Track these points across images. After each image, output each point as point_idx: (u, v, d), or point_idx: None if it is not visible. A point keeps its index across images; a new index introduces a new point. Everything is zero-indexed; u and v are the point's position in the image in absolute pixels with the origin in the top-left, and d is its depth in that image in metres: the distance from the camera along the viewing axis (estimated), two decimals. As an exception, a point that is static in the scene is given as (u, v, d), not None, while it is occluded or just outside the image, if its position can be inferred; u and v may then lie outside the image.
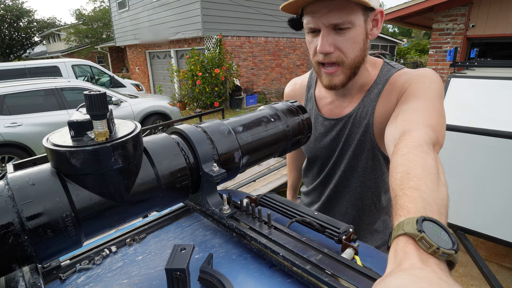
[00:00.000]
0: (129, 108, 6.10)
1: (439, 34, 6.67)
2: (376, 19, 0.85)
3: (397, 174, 0.52)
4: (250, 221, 0.59)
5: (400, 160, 0.55)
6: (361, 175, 1.00)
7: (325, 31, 0.79)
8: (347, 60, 0.83)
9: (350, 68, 0.84)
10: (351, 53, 0.82)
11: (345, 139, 0.97)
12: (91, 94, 0.44)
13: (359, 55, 0.83)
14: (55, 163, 0.46)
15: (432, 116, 0.71)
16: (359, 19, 0.79)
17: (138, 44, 13.45)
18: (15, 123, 4.85)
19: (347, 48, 0.81)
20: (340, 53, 0.81)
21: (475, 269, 2.10)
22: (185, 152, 0.60)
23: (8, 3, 26.79)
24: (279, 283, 0.51)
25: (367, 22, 0.82)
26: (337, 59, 0.82)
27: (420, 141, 0.60)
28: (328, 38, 0.79)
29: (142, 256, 0.60)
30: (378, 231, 1.09)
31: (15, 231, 0.40)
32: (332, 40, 0.80)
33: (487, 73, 3.01)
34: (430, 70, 0.86)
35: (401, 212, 0.43)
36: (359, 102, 0.93)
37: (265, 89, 11.85)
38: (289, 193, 1.42)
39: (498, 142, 1.96)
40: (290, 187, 1.41)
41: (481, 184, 2.10)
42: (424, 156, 0.55)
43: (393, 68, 0.92)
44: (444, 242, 0.36)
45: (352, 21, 0.77)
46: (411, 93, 0.80)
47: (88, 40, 24.26)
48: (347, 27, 0.78)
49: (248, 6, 10.32)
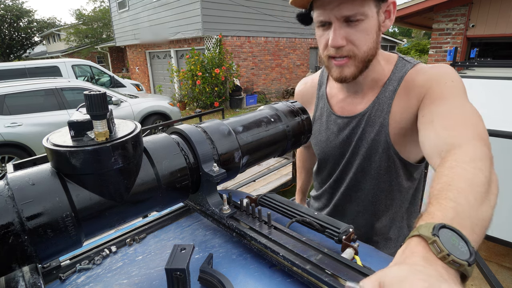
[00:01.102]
0: (129, 108, 6.09)
1: (439, 34, 6.66)
2: (389, 10, 0.81)
3: (437, 185, 0.48)
4: (250, 221, 0.59)
5: (446, 172, 0.51)
6: (375, 178, 0.95)
7: (336, 24, 0.76)
8: (359, 53, 0.79)
9: (362, 61, 0.81)
10: (364, 45, 0.79)
11: (358, 138, 0.93)
12: (91, 94, 0.44)
13: (372, 47, 0.80)
14: (55, 163, 0.46)
15: (477, 124, 0.65)
16: (371, 10, 0.76)
17: (138, 44, 13.45)
18: (15, 123, 4.85)
19: (360, 40, 0.78)
20: (353, 46, 0.78)
21: (475, 269, 2.10)
22: (185, 152, 0.60)
23: (8, 3, 26.80)
24: (279, 283, 0.51)
25: (380, 14, 0.79)
26: (348, 53, 0.79)
27: (473, 157, 0.55)
28: (340, 31, 0.76)
29: (142, 256, 0.60)
30: (391, 239, 1.03)
31: (15, 231, 0.40)
32: (344, 33, 0.77)
33: (487, 73, 3.01)
34: (446, 66, 0.82)
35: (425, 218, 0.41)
36: (374, 100, 0.89)
37: (265, 89, 11.85)
38: (298, 196, 1.38)
39: (498, 142, 1.96)
40: (299, 190, 1.37)
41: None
42: (475, 172, 0.50)
43: (408, 63, 0.88)
44: (459, 252, 0.35)
45: (365, 12, 0.74)
46: (438, 96, 0.75)
47: (88, 40, 24.26)
48: (359, 18, 0.75)
49: (248, 6, 10.32)
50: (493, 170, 0.55)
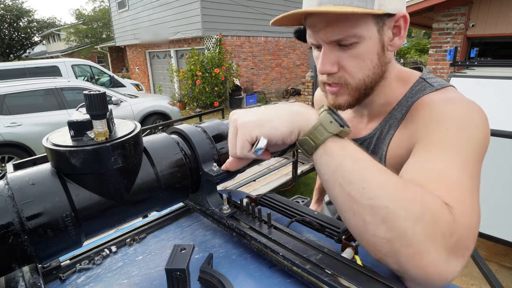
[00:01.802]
0: (129, 108, 6.09)
1: (439, 33, 6.66)
2: (398, 25, 0.65)
3: None
4: (250, 220, 0.59)
5: None
6: None
7: (326, 47, 0.64)
8: (353, 81, 0.66)
9: (356, 90, 0.68)
10: (358, 72, 0.65)
11: None
12: (91, 94, 0.44)
13: (371, 73, 0.66)
14: (55, 163, 0.46)
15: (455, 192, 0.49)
16: (369, 31, 0.61)
17: (138, 44, 13.44)
18: (15, 123, 4.85)
19: (353, 67, 0.65)
20: (344, 72, 0.66)
21: (475, 268, 2.10)
22: (185, 152, 0.60)
23: (8, 3, 26.79)
24: (279, 283, 0.51)
25: (384, 32, 0.63)
26: (339, 80, 0.67)
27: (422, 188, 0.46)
28: (330, 55, 0.64)
29: (142, 256, 0.60)
30: None
31: (15, 230, 0.40)
32: (335, 58, 0.64)
33: (487, 73, 3.01)
34: (467, 107, 0.61)
35: None
36: (376, 127, 0.77)
37: (265, 89, 11.85)
38: (315, 194, 1.37)
39: (498, 141, 1.96)
40: (317, 189, 1.36)
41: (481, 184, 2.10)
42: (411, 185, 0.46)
43: (429, 86, 0.71)
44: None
45: (358, 34, 0.61)
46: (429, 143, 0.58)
47: (88, 40, 24.26)
48: (352, 42, 0.61)
49: (248, 6, 10.32)
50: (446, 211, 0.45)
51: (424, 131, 0.62)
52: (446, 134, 0.57)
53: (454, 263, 0.44)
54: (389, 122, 0.74)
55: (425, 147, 0.58)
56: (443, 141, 0.56)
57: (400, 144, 0.69)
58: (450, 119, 0.59)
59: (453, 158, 0.53)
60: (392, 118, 0.74)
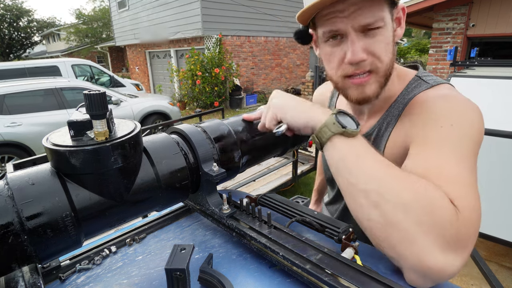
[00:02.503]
0: (128, 107, 6.09)
1: (439, 33, 6.66)
2: (399, 17, 0.69)
3: None
4: (250, 220, 0.59)
5: None
6: None
7: (354, 35, 0.62)
8: (382, 66, 0.66)
9: (384, 75, 0.68)
10: (385, 56, 0.65)
11: None
12: (91, 94, 0.44)
13: (392, 58, 0.68)
14: (55, 163, 0.46)
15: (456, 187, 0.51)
16: (387, 16, 0.64)
17: (138, 44, 13.44)
18: (15, 123, 4.85)
19: (382, 51, 0.64)
20: (374, 58, 0.65)
21: (475, 268, 2.10)
22: (185, 151, 0.60)
23: (8, 2, 26.79)
24: (279, 283, 0.51)
25: (393, 20, 0.67)
26: (370, 66, 0.65)
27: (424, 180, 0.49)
28: (360, 43, 0.63)
29: (142, 256, 0.60)
30: None
31: (15, 230, 0.40)
32: (364, 45, 0.63)
33: (487, 73, 3.01)
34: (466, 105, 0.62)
35: None
36: (374, 125, 0.78)
37: (265, 89, 11.85)
38: (314, 195, 1.37)
39: (498, 141, 1.96)
40: (315, 190, 1.36)
41: (481, 184, 2.10)
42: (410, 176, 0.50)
43: (424, 83, 0.72)
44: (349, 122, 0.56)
45: (384, 18, 0.62)
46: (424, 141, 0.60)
47: (88, 40, 24.24)
48: (379, 26, 0.62)
49: (248, 6, 10.31)
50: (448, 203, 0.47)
51: (419, 128, 0.63)
52: (442, 131, 0.58)
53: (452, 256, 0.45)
54: (386, 119, 0.75)
55: (421, 145, 0.60)
56: (439, 138, 0.58)
57: (397, 142, 0.71)
58: (445, 115, 0.60)
59: (450, 154, 0.55)
60: (390, 116, 0.75)
